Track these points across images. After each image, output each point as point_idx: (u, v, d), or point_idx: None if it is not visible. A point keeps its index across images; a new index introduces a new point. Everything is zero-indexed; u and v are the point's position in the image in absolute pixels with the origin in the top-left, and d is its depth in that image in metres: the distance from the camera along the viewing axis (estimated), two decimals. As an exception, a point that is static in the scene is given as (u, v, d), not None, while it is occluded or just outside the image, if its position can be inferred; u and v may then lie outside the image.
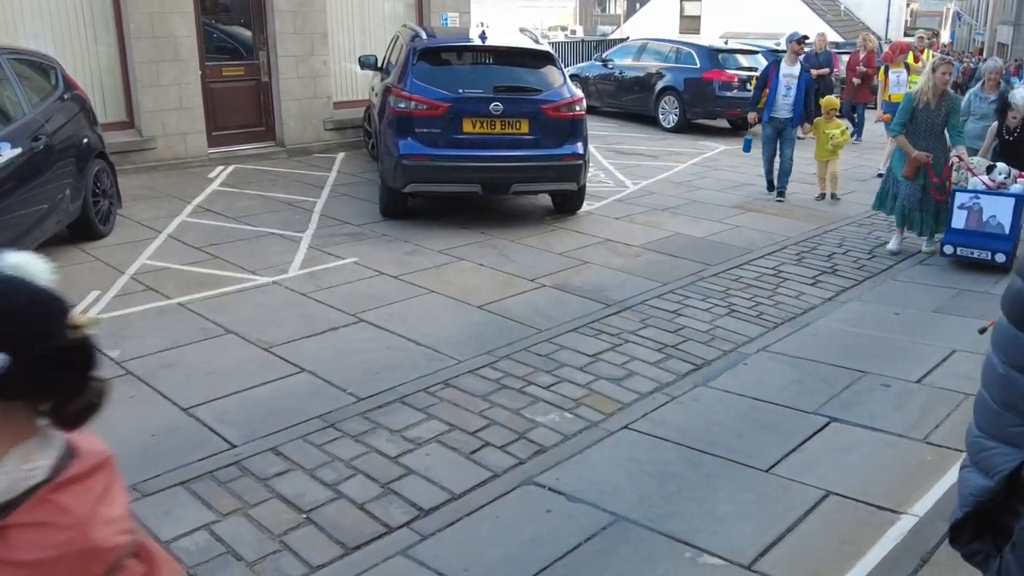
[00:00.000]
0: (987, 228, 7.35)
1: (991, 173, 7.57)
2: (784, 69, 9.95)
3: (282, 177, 10.35)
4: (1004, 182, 7.51)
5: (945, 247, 7.49)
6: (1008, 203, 7.35)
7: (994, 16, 54.92)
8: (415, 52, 8.27)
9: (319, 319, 5.95)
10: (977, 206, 7.40)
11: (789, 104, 9.88)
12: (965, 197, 7.46)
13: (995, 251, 7.27)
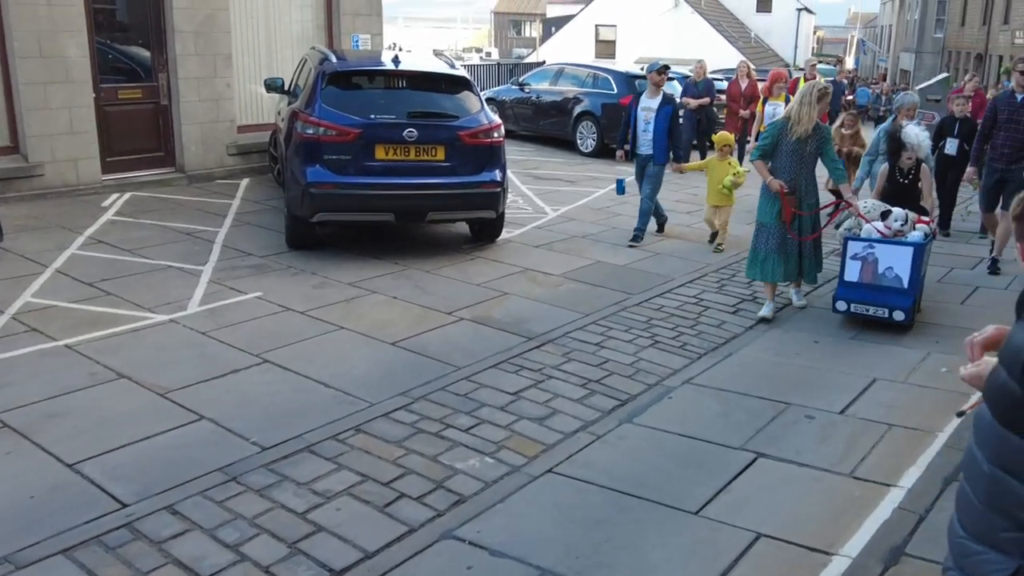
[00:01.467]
0: (883, 281, 6.55)
1: (887, 219, 6.73)
2: (642, 102, 9.02)
3: (182, 205, 9.85)
4: (901, 229, 6.69)
5: (838, 303, 6.66)
6: (906, 253, 6.51)
7: (896, 43, 57.55)
8: (324, 76, 7.96)
9: (220, 360, 5.57)
10: (872, 256, 6.60)
11: (649, 139, 8.92)
12: (858, 246, 6.64)
13: (893, 308, 6.47)
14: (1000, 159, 8.44)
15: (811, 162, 6.74)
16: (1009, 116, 8.29)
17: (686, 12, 38.72)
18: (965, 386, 5.47)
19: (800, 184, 6.71)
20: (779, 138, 6.66)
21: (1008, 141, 8.34)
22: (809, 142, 6.62)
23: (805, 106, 6.55)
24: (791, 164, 6.64)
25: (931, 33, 49.32)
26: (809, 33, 50.96)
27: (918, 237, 6.65)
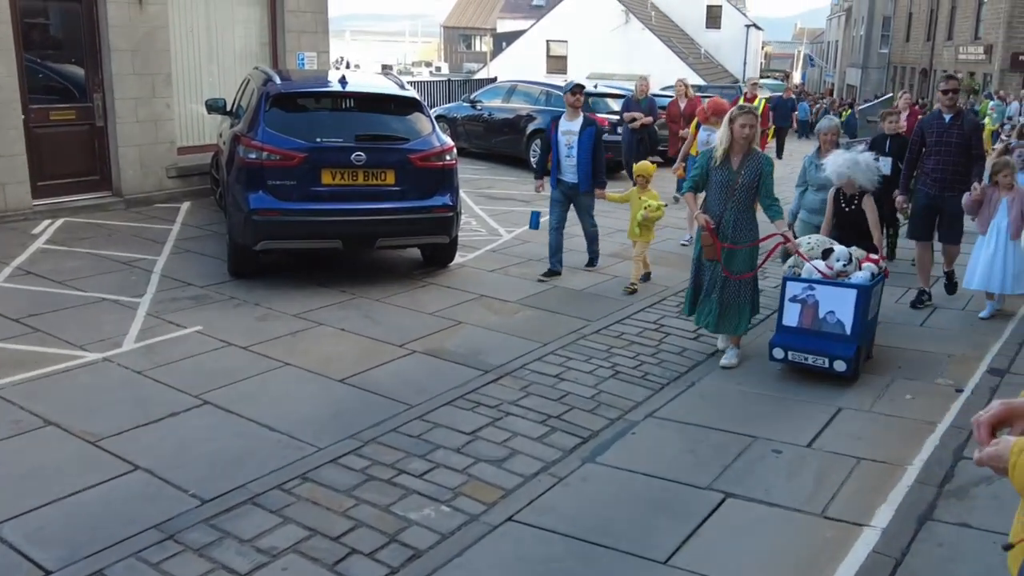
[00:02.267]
0: (824, 327, 5.92)
1: (828, 258, 6.06)
2: (562, 125, 8.24)
3: (119, 231, 9.42)
4: (845, 269, 6.02)
5: (774, 350, 6.02)
6: (848, 296, 5.88)
7: (843, 59, 58.77)
8: (267, 98, 7.65)
9: (157, 403, 5.23)
10: (812, 299, 5.97)
11: (574, 166, 8.16)
12: (798, 288, 6.01)
13: (833, 357, 5.83)
14: (932, 184, 7.65)
15: (744, 195, 5.99)
16: (938, 138, 7.55)
17: (636, 28, 39.00)
18: (932, 414, 5.36)
19: (728, 219, 6.01)
20: (708, 168, 6.10)
21: (939, 165, 7.57)
22: (741, 172, 5.95)
23: (719, 130, 6.12)
24: (719, 197, 6.03)
25: (877, 49, 50.49)
26: (757, 49, 51.83)
27: (863, 278, 6.01)
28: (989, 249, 7.31)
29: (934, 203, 7.70)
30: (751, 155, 6.01)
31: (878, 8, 49.99)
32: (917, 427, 5.24)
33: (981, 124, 7.66)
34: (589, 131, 8.13)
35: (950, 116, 7.57)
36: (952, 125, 7.54)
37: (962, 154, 7.51)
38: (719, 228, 6.03)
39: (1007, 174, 7.29)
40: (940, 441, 5.01)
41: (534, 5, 54.57)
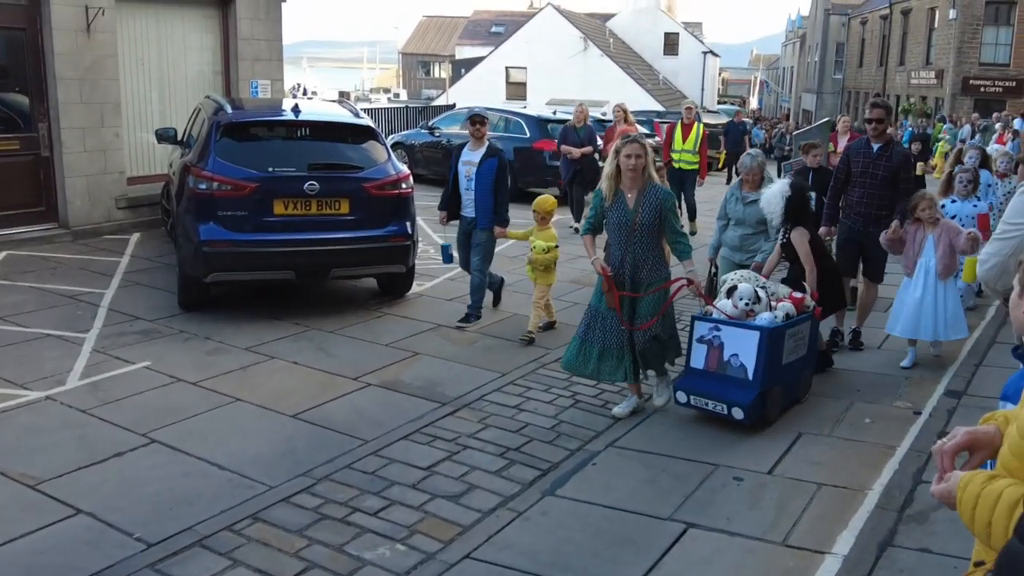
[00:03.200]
0: (728, 370, 5.55)
1: (732, 296, 5.72)
2: (464, 155, 7.58)
3: (64, 264, 9.17)
4: (751, 309, 5.64)
5: (678, 393, 5.65)
6: (752, 338, 5.48)
7: (798, 84, 59.88)
8: (218, 127, 7.53)
9: (102, 442, 5.04)
10: (717, 340, 5.62)
11: (472, 200, 7.50)
12: (704, 328, 5.70)
13: (732, 403, 5.40)
14: (856, 218, 7.16)
15: (645, 235, 5.46)
16: (864, 169, 7.00)
17: (595, 55, 39.43)
18: (891, 438, 5.34)
19: (630, 262, 5.50)
20: (603, 208, 5.57)
21: (863, 198, 7.05)
22: (639, 211, 5.42)
23: (605, 162, 5.57)
24: (618, 239, 5.53)
25: (831, 74, 51.56)
26: (714, 75, 52.68)
27: (769, 320, 5.57)
28: (916, 292, 6.64)
29: (856, 238, 7.19)
30: (648, 190, 5.43)
31: (831, 35, 51.11)
32: (877, 451, 5.23)
33: (910, 155, 7.07)
34: (491, 162, 7.39)
35: (878, 146, 7.00)
36: (880, 156, 6.97)
37: (888, 187, 6.94)
38: (622, 272, 5.52)
39: (926, 207, 6.59)
40: (900, 465, 5.00)
41: (493, 32, 54.98)
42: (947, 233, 6.59)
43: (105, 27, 10.40)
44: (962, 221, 7.32)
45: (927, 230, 6.62)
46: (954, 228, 6.65)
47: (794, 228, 6.29)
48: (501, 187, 7.47)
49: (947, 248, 6.53)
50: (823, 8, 51.62)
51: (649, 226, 5.45)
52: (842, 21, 49.85)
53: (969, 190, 7.81)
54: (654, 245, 5.55)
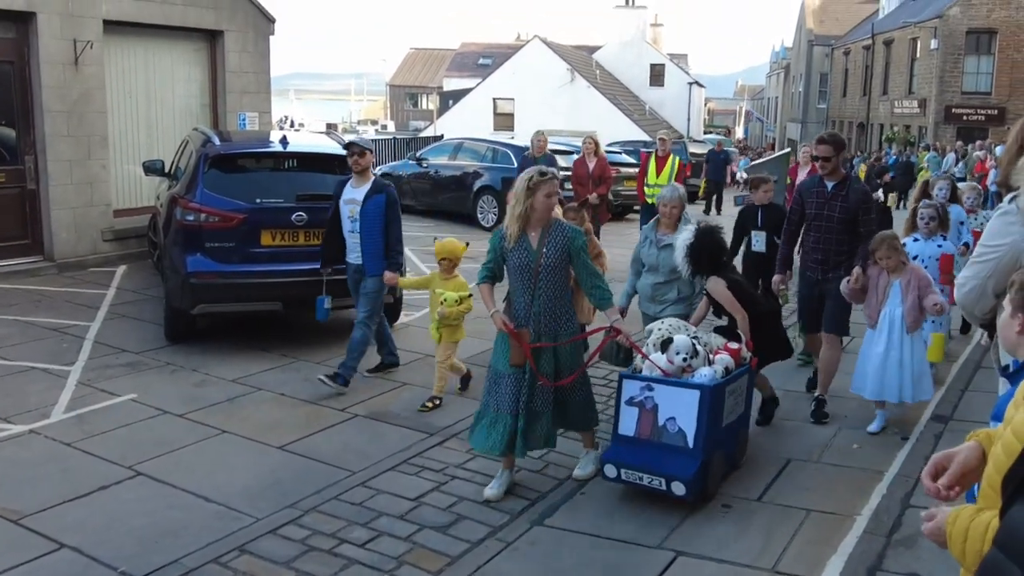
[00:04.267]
0: (664, 437, 4.81)
1: (667, 350, 4.98)
2: (346, 193, 6.67)
3: (49, 297, 9.14)
4: (689, 364, 4.91)
5: (606, 467, 4.89)
6: (691, 399, 4.74)
7: (783, 114, 60.54)
8: (206, 159, 7.55)
9: (87, 475, 5.00)
10: (650, 402, 4.85)
11: (358, 243, 6.60)
12: (635, 388, 4.89)
13: (671, 477, 4.67)
14: (813, 265, 6.26)
15: (553, 278, 4.80)
16: (818, 210, 6.15)
17: (582, 86, 39.78)
18: (879, 463, 5.34)
19: (537, 311, 4.81)
20: (502, 250, 4.88)
21: (819, 243, 6.17)
22: (543, 251, 4.77)
23: (511, 201, 4.83)
24: (522, 284, 4.83)
25: (815, 104, 52.19)
26: (700, 105, 53.15)
27: (709, 376, 4.87)
28: (880, 345, 5.87)
29: (816, 288, 6.30)
30: (553, 227, 4.82)
31: (815, 65, 51.78)
32: (865, 476, 5.23)
33: (870, 193, 6.25)
34: (377, 200, 6.51)
35: (833, 184, 6.13)
36: (835, 195, 6.10)
37: (846, 230, 6.09)
38: (527, 323, 4.82)
39: (888, 253, 5.77)
40: (887, 490, 5.00)
41: (480, 64, 55.41)
42: (916, 281, 5.82)
43: (93, 60, 10.46)
44: (924, 263, 6.66)
45: (891, 276, 5.86)
46: (924, 277, 5.87)
47: (707, 278, 5.55)
48: (391, 227, 6.59)
49: (916, 300, 5.77)
50: (806, 39, 52.33)
51: (555, 268, 4.80)
52: (825, 52, 50.52)
53: (933, 228, 6.95)
54: (563, 290, 4.88)
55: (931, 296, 5.76)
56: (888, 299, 5.87)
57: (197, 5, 11.72)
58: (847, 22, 51.04)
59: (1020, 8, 33.15)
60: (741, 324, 5.48)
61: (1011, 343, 2.15)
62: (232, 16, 12.23)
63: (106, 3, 10.60)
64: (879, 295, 5.90)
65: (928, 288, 5.80)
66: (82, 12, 10.33)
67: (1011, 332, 2.18)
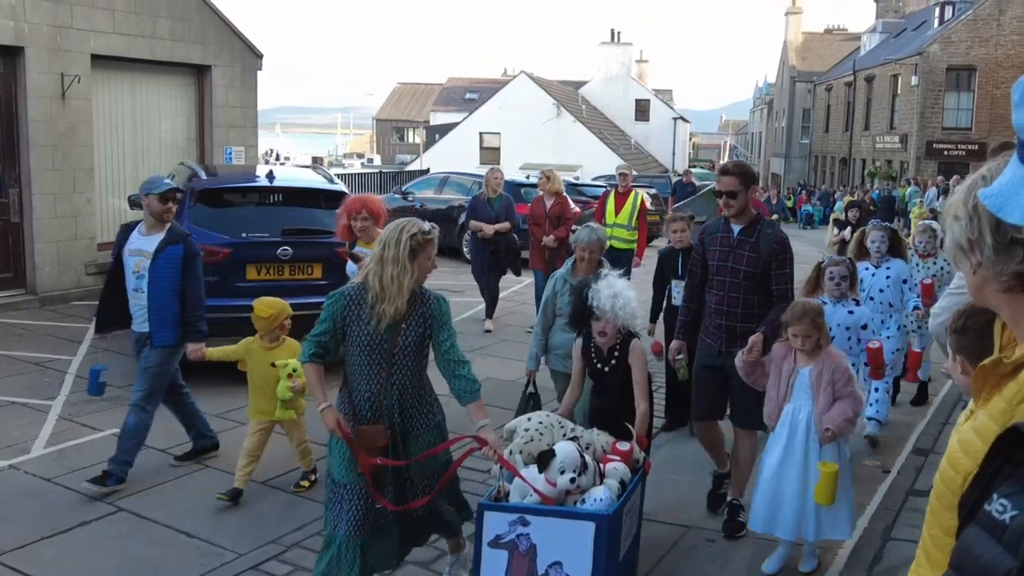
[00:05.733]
0: None
1: (547, 468, 3.63)
2: (133, 240, 5.44)
3: (31, 331, 9.09)
4: (577, 485, 3.60)
5: None
6: (583, 534, 3.51)
7: (767, 149, 61.21)
8: (192, 193, 7.59)
9: (66, 512, 4.96)
10: (525, 542, 3.53)
11: (144, 306, 5.35)
12: (502, 523, 3.56)
13: None
14: (714, 333, 4.89)
15: (410, 361, 3.72)
16: (721, 262, 4.81)
17: (568, 120, 40.18)
18: (861, 495, 5.33)
19: (389, 403, 3.71)
20: (346, 320, 3.68)
21: (722, 304, 4.84)
22: (405, 330, 3.67)
23: (390, 264, 3.59)
24: (368, 367, 3.68)
25: (798, 139, 52.86)
26: (685, 139, 53.76)
27: (604, 498, 3.61)
28: (774, 456, 4.31)
29: (717, 363, 4.86)
30: (415, 296, 3.71)
31: (798, 101, 52.49)
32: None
33: (786, 241, 4.82)
34: (172, 252, 5.35)
35: (740, 228, 4.80)
36: (741, 242, 4.78)
37: (756, 288, 4.76)
38: (375, 419, 3.72)
39: (807, 330, 4.22)
40: (869, 523, 5.02)
41: (467, 99, 55.86)
42: (830, 373, 4.23)
43: (80, 94, 10.51)
44: (831, 331, 4.92)
45: (800, 360, 4.33)
46: (842, 369, 4.28)
47: (633, 340, 4.42)
48: (191, 288, 5.40)
49: (831, 400, 4.22)
50: (789, 75, 53.09)
51: (415, 349, 3.72)
52: (808, 88, 51.25)
53: (844, 289, 5.43)
54: (421, 376, 3.82)
55: (837, 407, 4.17)
56: (793, 393, 4.32)
57: (185, 40, 11.82)
58: (829, 59, 51.88)
59: (998, 46, 33.81)
60: (643, 413, 4.25)
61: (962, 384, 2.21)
62: (220, 51, 12.33)
63: (94, 38, 10.67)
64: (781, 387, 4.36)
65: (846, 385, 4.24)
66: (70, 47, 10.40)
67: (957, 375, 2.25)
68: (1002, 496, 1.19)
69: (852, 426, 4.32)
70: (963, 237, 1.35)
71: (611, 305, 4.22)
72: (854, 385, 4.30)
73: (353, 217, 5.92)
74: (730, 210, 4.78)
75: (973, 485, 1.31)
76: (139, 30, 11.24)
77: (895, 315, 6.55)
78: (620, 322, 4.28)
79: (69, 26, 10.38)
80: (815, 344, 4.27)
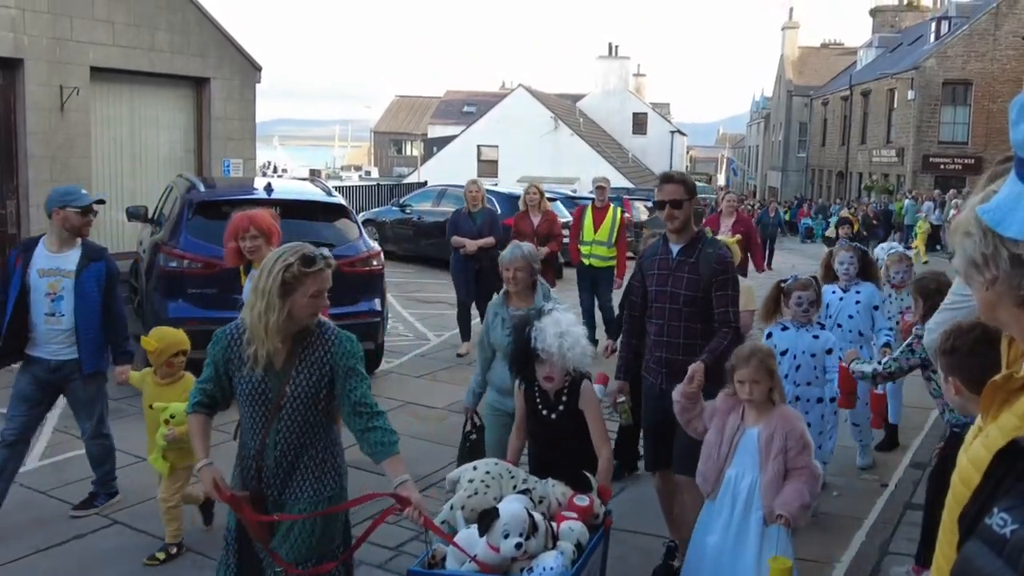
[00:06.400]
0: None
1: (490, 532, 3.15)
2: (39, 258, 4.90)
3: (31, 343, 9.05)
4: (524, 549, 3.10)
5: None
6: None
7: (764, 162, 61.44)
8: (190, 205, 7.61)
9: (61, 525, 4.96)
10: None
11: (65, 331, 4.91)
12: None
13: None
14: (655, 369, 4.39)
15: (300, 413, 3.11)
16: (660, 286, 4.32)
17: (565, 134, 40.34)
18: (859, 510, 5.35)
19: (271, 459, 3.14)
20: (228, 364, 3.18)
21: (662, 333, 4.33)
22: (295, 377, 3.09)
23: (259, 298, 3.03)
24: (253, 418, 3.15)
25: (795, 153, 53.09)
26: (682, 153, 53.95)
27: (554, 568, 3.08)
28: (715, 533, 3.66)
29: (659, 404, 4.27)
30: (310, 335, 3.15)
31: (794, 115, 52.74)
32: (844, 523, 5.25)
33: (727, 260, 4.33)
34: (96, 269, 4.97)
35: (679, 248, 4.32)
36: (680, 263, 4.30)
37: (699, 316, 4.25)
38: (260, 477, 3.17)
39: (755, 375, 3.56)
40: (867, 536, 5.03)
41: (465, 112, 56.05)
42: (783, 438, 3.51)
43: (79, 106, 10.55)
44: (796, 359, 4.87)
45: (750, 418, 3.65)
46: (797, 433, 3.54)
47: (584, 382, 3.88)
48: (116, 304, 5.09)
49: (780, 472, 3.51)
50: (786, 89, 53.35)
51: (307, 399, 3.10)
52: (804, 102, 51.50)
53: (811, 316, 5.05)
54: (316, 437, 3.18)
55: (792, 489, 3.43)
56: (735, 456, 3.61)
57: (184, 53, 11.87)
58: (825, 73, 52.15)
59: (994, 60, 34.02)
60: (604, 464, 3.74)
61: (957, 404, 2.23)
62: (219, 64, 12.38)
63: (93, 50, 10.72)
64: (723, 445, 3.65)
65: (800, 455, 3.50)
66: (69, 59, 10.44)
67: (951, 395, 2.26)
68: (1002, 510, 1.19)
69: (807, 513, 3.61)
70: (977, 252, 1.32)
71: (558, 346, 3.66)
72: (810, 456, 3.56)
73: (241, 237, 5.24)
74: (674, 223, 4.30)
75: (973, 499, 1.32)
76: (138, 42, 11.29)
77: (865, 345, 5.79)
78: (569, 365, 3.73)
79: (68, 38, 10.42)
80: (764, 394, 3.59)
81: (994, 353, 1.56)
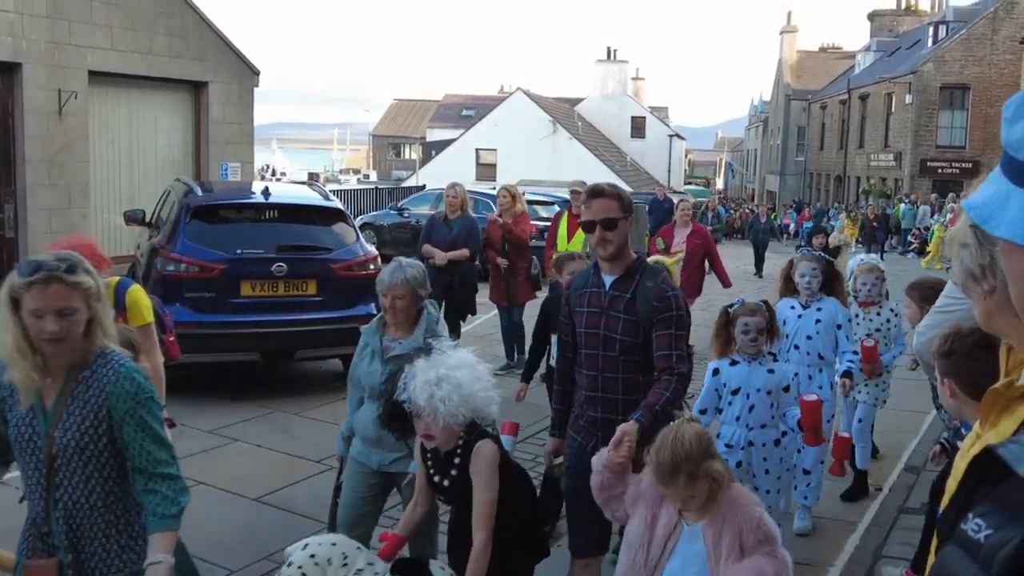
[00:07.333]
0: None
1: None
2: None
3: (28, 347, 9.06)
4: None
5: None
6: None
7: (762, 166, 61.54)
8: (188, 209, 7.62)
9: (57, 528, 4.93)
10: None
11: None
12: None
13: None
14: (587, 429, 3.54)
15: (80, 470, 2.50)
16: (591, 327, 3.48)
17: (564, 137, 40.37)
18: (852, 514, 5.33)
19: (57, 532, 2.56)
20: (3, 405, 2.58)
21: (595, 385, 3.50)
22: (65, 420, 2.47)
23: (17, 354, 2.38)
24: (31, 478, 2.58)
25: (793, 156, 53.18)
26: (681, 156, 53.99)
27: None
28: None
29: (586, 467, 3.20)
30: (89, 372, 2.49)
31: (793, 119, 52.80)
32: (838, 527, 5.26)
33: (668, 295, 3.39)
34: None
35: (613, 279, 3.50)
36: (614, 299, 3.46)
37: (641, 365, 3.44)
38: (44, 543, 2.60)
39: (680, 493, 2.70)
40: (860, 541, 5.03)
41: (464, 115, 56.08)
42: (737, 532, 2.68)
43: (77, 110, 10.57)
44: (749, 399, 4.06)
45: (688, 516, 2.78)
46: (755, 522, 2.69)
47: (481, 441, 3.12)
48: None
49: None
50: (784, 93, 53.43)
51: (83, 448, 2.48)
52: (803, 106, 51.57)
53: (760, 345, 4.14)
54: (106, 492, 2.55)
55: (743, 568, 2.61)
56: (672, 561, 2.76)
57: (183, 57, 11.89)
58: (824, 77, 52.23)
59: (992, 64, 34.10)
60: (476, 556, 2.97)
61: (952, 408, 2.23)
62: (217, 68, 12.41)
63: (91, 54, 10.74)
64: (652, 546, 2.80)
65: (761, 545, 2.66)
66: (68, 63, 10.46)
67: (946, 399, 2.27)
68: (977, 516, 1.22)
69: None
70: (974, 264, 1.30)
71: (428, 397, 2.94)
72: (775, 545, 2.69)
73: None
74: (606, 248, 3.42)
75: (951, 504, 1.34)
76: (136, 47, 11.32)
77: (826, 369, 5.09)
78: (449, 420, 2.97)
79: (67, 42, 10.45)
80: (704, 500, 2.70)
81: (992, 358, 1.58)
